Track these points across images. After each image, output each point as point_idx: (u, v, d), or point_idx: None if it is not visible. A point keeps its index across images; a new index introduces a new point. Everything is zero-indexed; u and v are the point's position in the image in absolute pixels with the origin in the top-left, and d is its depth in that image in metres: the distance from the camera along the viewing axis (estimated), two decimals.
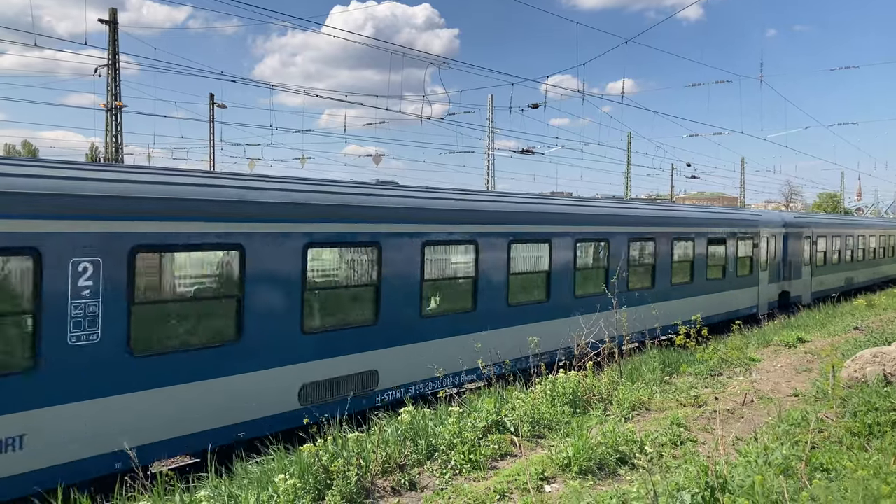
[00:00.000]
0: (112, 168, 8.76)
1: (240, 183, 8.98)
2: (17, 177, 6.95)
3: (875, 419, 7.51)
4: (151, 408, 7.71)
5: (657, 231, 16.96)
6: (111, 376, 7.41)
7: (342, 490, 6.18)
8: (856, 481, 5.30)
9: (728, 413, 9.16)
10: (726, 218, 20.98)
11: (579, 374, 9.54)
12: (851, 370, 9.94)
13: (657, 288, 16.84)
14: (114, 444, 7.35)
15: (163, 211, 7.92)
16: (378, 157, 40.18)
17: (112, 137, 34.49)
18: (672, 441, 7.78)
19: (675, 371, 11.67)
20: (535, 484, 6.35)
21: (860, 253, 32.40)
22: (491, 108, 50.10)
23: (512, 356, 11.25)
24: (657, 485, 5.58)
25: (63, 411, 7.08)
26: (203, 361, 8.18)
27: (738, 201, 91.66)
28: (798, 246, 25.12)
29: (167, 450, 7.83)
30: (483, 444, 7.43)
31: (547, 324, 13.03)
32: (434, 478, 6.84)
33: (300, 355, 9.18)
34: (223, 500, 5.94)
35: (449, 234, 11.54)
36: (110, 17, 33.50)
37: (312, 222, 9.47)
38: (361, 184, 11.18)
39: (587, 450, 6.93)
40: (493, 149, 50.84)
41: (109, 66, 33.47)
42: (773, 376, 11.78)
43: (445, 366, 10.54)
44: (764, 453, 6.45)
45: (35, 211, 6.89)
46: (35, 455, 6.89)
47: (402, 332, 10.62)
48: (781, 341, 15.18)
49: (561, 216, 14.18)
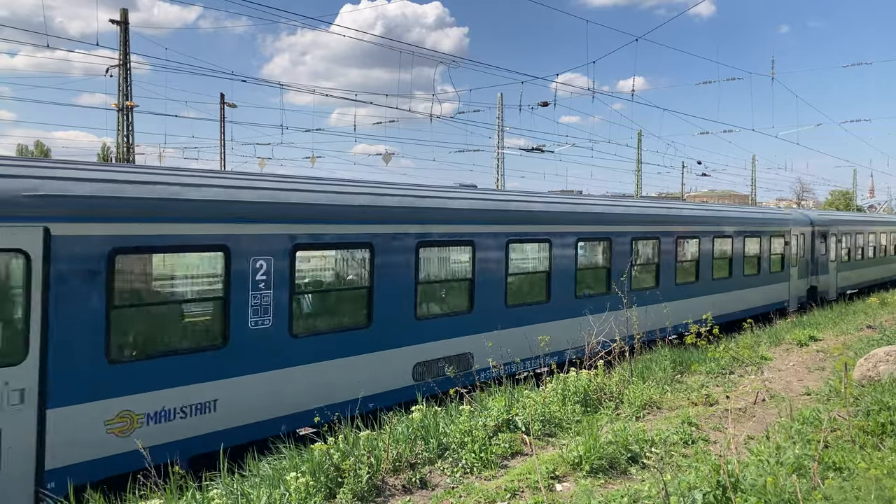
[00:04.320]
0: (269, 178, 9.84)
1: (369, 190, 10.50)
2: (208, 187, 8.53)
3: (888, 418, 7.46)
4: (306, 381, 9.15)
5: (702, 230, 18.67)
6: (278, 354, 8.91)
7: (353, 488, 6.21)
8: (869, 480, 5.26)
9: (740, 412, 9.12)
10: (761, 217, 22.33)
11: (590, 373, 9.53)
12: (864, 369, 9.88)
13: (702, 283, 18.44)
14: (279, 410, 8.80)
15: (316, 216, 9.49)
16: (388, 156, 40.19)
17: (123, 137, 34.72)
18: (683, 440, 7.76)
19: (686, 370, 11.63)
20: (545, 483, 6.35)
21: (881, 250, 33.16)
22: (500, 107, 50.10)
23: (576, 345, 12.13)
24: (668, 484, 5.57)
25: (244, 381, 8.50)
26: (345, 342, 9.66)
27: (750, 199, 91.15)
28: (825, 243, 26.11)
29: (312, 417, 8.77)
30: (494, 442, 7.43)
31: (609, 314, 13.79)
32: (445, 476, 6.85)
33: (414, 338, 10.68)
34: (235, 499, 5.97)
35: (528, 234, 13.12)
36: (121, 18, 33.73)
37: (423, 223, 11.17)
38: (450, 188, 12.90)
39: (598, 448, 6.91)
40: (502, 147, 50.83)
41: (120, 66, 33.69)
42: (785, 375, 11.72)
43: (522, 352, 11.69)
44: (776, 452, 6.43)
45: (225, 216, 8.44)
46: (224, 417, 8.27)
47: (491, 320, 11.97)
48: (793, 340, 15.09)
49: (620, 217, 15.89)
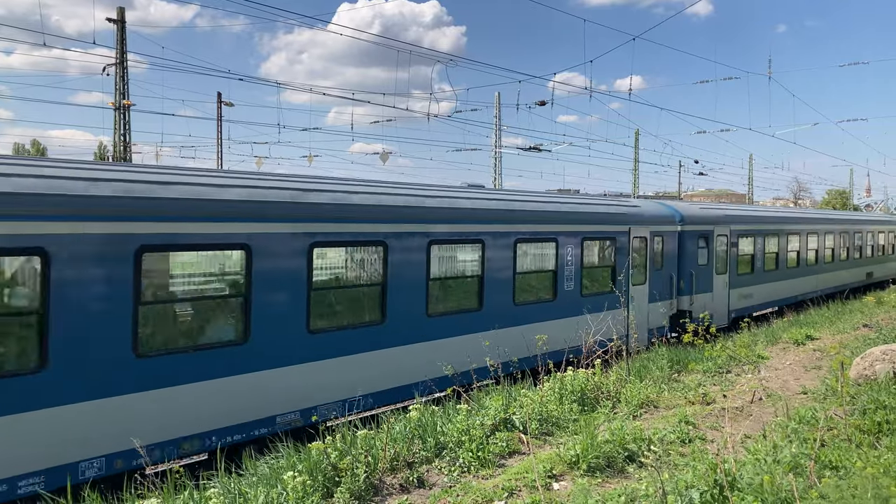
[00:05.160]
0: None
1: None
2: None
3: (885, 417, 7.48)
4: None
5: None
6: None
7: (351, 487, 6.21)
8: (865, 479, 5.27)
9: (737, 411, 9.14)
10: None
11: (587, 372, 9.54)
12: (861, 367, 9.90)
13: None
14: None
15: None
16: (385, 155, 40.19)
17: (120, 136, 34.65)
18: (680, 439, 7.78)
19: (683, 369, 11.66)
20: (543, 481, 6.36)
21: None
22: (498, 106, 50.07)
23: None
24: (666, 483, 5.58)
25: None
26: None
27: (747, 198, 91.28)
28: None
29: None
30: (491, 441, 7.44)
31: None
32: (442, 475, 6.86)
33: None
34: (233, 498, 5.97)
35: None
36: (118, 16, 33.64)
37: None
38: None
39: (595, 447, 6.92)
40: (500, 146, 50.79)
41: (117, 65, 33.62)
42: (781, 374, 11.75)
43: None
44: (773, 451, 6.45)
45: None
46: None
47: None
48: (790, 339, 15.15)
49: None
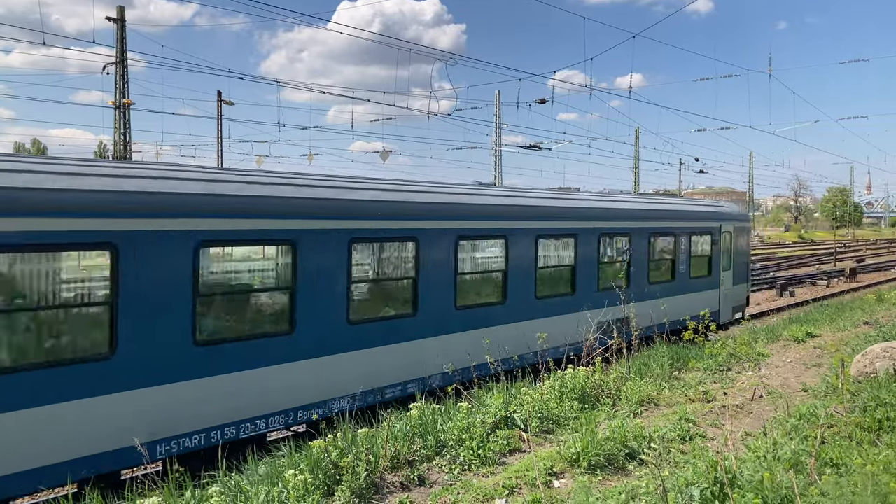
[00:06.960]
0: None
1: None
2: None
3: (885, 414, 7.47)
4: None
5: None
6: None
7: (351, 485, 6.22)
8: (865, 476, 5.28)
9: (737, 408, 9.15)
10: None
11: (587, 370, 9.54)
12: (861, 365, 9.90)
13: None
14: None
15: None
16: (385, 153, 40.17)
17: (121, 135, 34.66)
18: (681, 436, 7.78)
19: (683, 366, 11.65)
20: (543, 479, 6.37)
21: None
22: (498, 104, 50.07)
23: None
24: (666, 480, 5.59)
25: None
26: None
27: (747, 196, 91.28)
28: None
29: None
30: (491, 439, 7.45)
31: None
32: (443, 473, 6.87)
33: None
34: (234, 497, 5.98)
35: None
36: (118, 15, 33.62)
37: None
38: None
39: (596, 445, 6.93)
40: (500, 144, 50.79)
41: (117, 64, 33.62)
42: (782, 371, 11.76)
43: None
44: (773, 448, 6.44)
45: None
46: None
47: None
48: (790, 336, 15.13)
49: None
